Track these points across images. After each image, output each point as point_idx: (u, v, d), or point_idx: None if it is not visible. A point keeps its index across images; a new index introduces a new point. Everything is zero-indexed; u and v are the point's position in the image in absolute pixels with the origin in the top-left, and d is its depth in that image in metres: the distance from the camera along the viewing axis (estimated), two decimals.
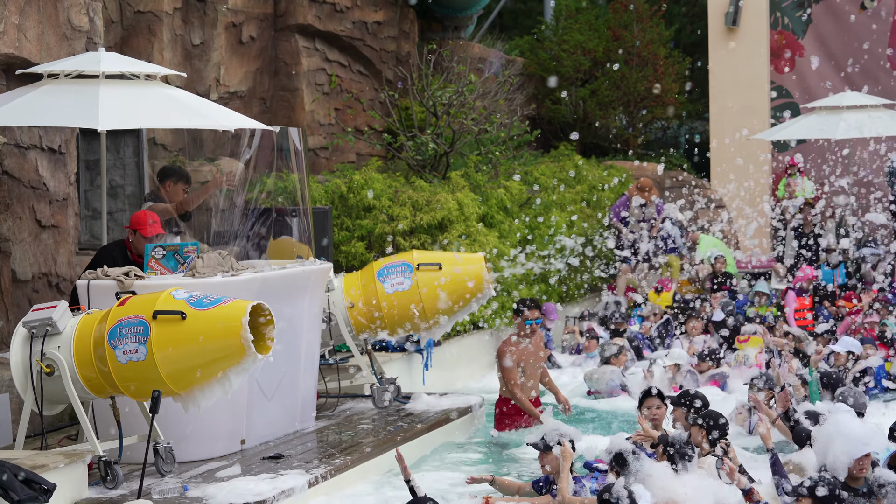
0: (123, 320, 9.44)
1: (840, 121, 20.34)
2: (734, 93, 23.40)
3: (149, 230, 11.07)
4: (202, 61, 16.73)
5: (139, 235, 11.11)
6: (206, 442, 10.67)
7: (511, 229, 17.71)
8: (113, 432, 10.08)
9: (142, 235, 11.08)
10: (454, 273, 12.87)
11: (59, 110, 10.83)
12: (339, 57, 19.78)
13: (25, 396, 9.75)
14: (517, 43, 26.31)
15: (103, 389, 9.71)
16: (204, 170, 15.14)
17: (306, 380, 11.91)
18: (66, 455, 9.50)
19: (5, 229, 12.15)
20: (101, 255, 11.24)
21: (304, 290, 11.63)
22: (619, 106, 25.11)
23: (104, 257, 11.13)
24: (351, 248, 15.99)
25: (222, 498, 9.40)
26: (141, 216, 11.24)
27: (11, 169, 12.30)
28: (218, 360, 9.38)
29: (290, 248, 12.44)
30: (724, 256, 19.96)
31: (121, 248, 11.31)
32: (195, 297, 9.52)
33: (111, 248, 11.36)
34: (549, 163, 21.28)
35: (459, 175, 17.98)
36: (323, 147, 19.25)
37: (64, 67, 11.15)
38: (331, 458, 10.80)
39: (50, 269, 12.78)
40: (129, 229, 11.29)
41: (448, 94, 18.80)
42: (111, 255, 11.11)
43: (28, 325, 9.71)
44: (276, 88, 18.75)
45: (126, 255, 11.17)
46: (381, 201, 16.32)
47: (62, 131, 12.80)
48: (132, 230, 11.20)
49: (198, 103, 11.52)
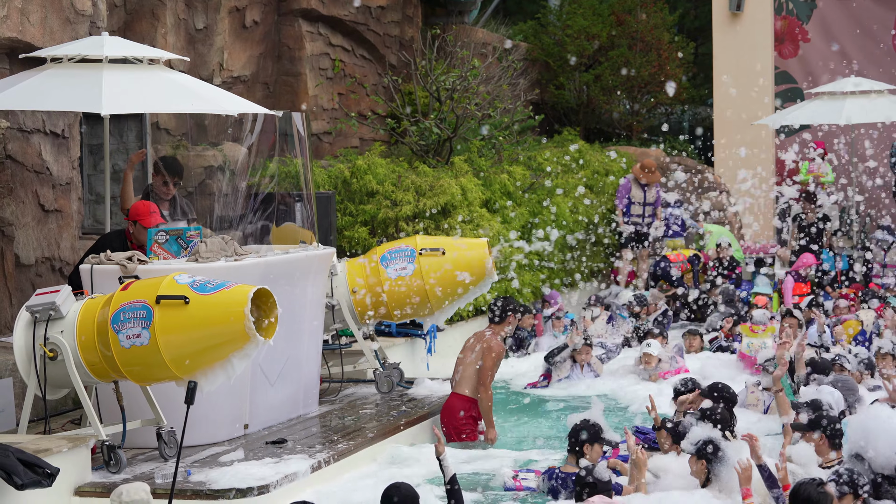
0: (127, 305, 9.44)
1: (844, 106, 20.30)
2: (738, 78, 23.36)
3: (150, 220, 11.05)
4: (205, 46, 16.70)
5: (139, 226, 11.09)
6: (210, 427, 10.68)
7: (515, 215, 17.70)
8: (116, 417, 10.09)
9: (142, 226, 11.05)
10: (457, 258, 12.84)
11: (63, 94, 10.82)
12: (343, 41, 19.75)
13: (29, 381, 9.75)
14: (521, 28, 26.27)
15: (106, 374, 9.71)
16: (207, 154, 15.13)
17: (309, 365, 11.92)
18: (70, 439, 9.51)
19: (9, 213, 12.14)
20: (101, 244, 11.23)
21: (308, 275, 11.63)
22: (622, 91, 25.07)
23: (104, 246, 11.13)
24: (354, 234, 15.98)
25: (225, 482, 9.41)
26: (140, 207, 11.21)
27: (15, 153, 12.29)
28: (221, 345, 9.37)
29: (293, 233, 12.43)
30: (730, 241, 19.99)
31: (121, 237, 11.29)
32: (198, 281, 9.51)
33: (111, 237, 11.33)
34: (553, 148, 21.26)
35: (463, 160, 17.96)
36: (326, 132, 19.23)
37: (67, 51, 11.14)
38: (334, 443, 10.81)
39: (53, 254, 12.78)
40: (128, 221, 11.27)
41: (451, 79, 18.78)
42: (111, 245, 11.10)
43: (31, 309, 9.71)
44: (280, 73, 18.73)
45: (126, 245, 11.14)
46: (384, 186, 16.31)
47: (65, 115, 12.79)
48: (132, 221, 11.18)
49: (201, 88, 11.51)
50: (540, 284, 17.75)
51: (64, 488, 9.23)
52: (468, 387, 12.02)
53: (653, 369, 14.47)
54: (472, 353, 12.07)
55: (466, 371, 12.04)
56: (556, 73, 25.00)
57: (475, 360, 12.03)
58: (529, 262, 17.60)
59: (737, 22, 23.93)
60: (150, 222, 11.03)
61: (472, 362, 12.04)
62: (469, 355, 12.09)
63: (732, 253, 20.03)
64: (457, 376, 12.10)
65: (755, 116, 22.33)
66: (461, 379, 12.05)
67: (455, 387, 12.10)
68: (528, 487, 10.26)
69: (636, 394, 13.76)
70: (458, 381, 12.08)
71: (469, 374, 12.03)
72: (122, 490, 7.96)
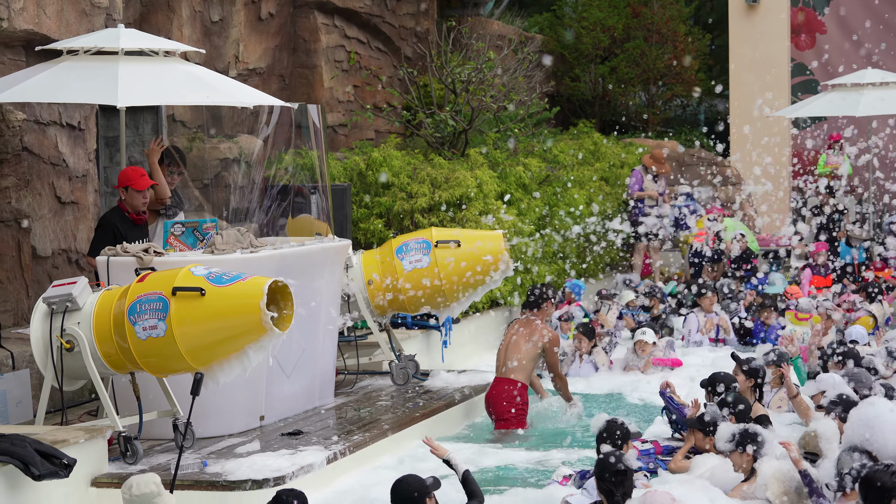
0: (143, 296, 9.46)
1: (861, 98, 20.23)
2: (754, 70, 23.30)
3: (141, 183, 11.14)
4: (221, 38, 16.72)
5: (132, 191, 11.16)
6: (226, 418, 10.70)
7: (529, 206, 17.69)
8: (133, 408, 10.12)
9: (135, 190, 11.13)
10: (473, 250, 12.85)
11: (79, 87, 10.83)
12: (358, 34, 19.75)
13: (46, 372, 9.78)
14: (536, 20, 26.23)
15: (123, 365, 9.73)
16: (223, 146, 15.15)
17: (325, 357, 11.93)
18: (87, 430, 9.54)
19: (25, 205, 12.17)
20: (102, 225, 11.32)
21: (323, 267, 11.63)
22: (638, 83, 25.02)
23: (105, 226, 11.21)
24: (370, 226, 15.99)
25: (241, 474, 9.43)
26: (129, 172, 11.29)
27: (31, 145, 12.32)
28: (237, 337, 9.39)
29: (308, 226, 12.44)
30: (746, 235, 19.96)
31: (117, 211, 11.36)
32: (214, 273, 9.53)
33: (109, 216, 11.43)
34: (568, 140, 21.24)
35: (478, 152, 17.95)
36: (342, 124, 19.24)
37: (83, 44, 11.15)
38: (349, 435, 10.82)
39: (70, 246, 12.81)
40: (119, 188, 11.31)
41: (467, 71, 18.77)
42: (111, 223, 11.20)
43: (48, 300, 9.73)
44: (295, 65, 18.74)
45: (124, 216, 11.24)
46: (399, 178, 16.31)
47: (81, 108, 12.81)
48: (123, 188, 11.23)
49: (217, 80, 11.51)
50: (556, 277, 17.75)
51: (81, 479, 9.26)
52: (522, 374, 12.20)
53: (647, 356, 14.55)
54: (524, 342, 12.24)
55: (521, 359, 12.20)
56: (572, 65, 24.96)
57: (531, 348, 12.21)
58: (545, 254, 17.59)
59: (753, 13, 23.86)
60: (141, 185, 11.12)
61: (528, 351, 12.23)
62: (522, 343, 12.26)
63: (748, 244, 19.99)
64: (508, 363, 12.23)
65: (771, 108, 22.27)
66: (516, 366, 12.18)
67: (505, 373, 12.23)
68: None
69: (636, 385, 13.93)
70: (509, 368, 12.21)
71: (523, 362, 12.20)
72: (131, 482, 7.92)
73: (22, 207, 12.13)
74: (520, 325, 12.49)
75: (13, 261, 12.12)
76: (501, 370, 12.30)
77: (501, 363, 12.34)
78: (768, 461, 8.90)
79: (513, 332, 12.45)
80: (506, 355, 12.31)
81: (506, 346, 12.39)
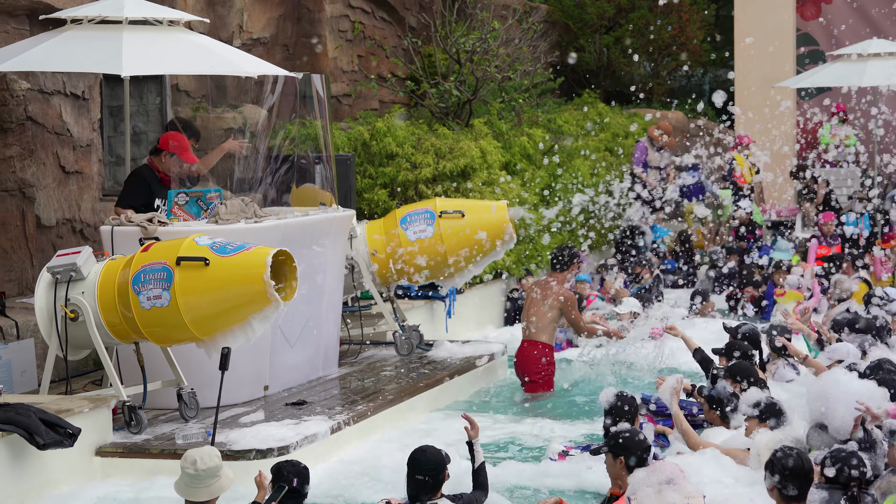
0: (147, 266, 9.47)
1: (866, 68, 20.14)
2: (759, 40, 23.19)
3: (189, 157, 11.23)
4: (225, 7, 16.65)
5: (176, 158, 11.19)
6: (230, 388, 10.68)
7: (533, 177, 17.67)
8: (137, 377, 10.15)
9: (181, 160, 11.18)
10: (477, 220, 12.86)
11: (83, 56, 10.81)
12: (363, 3, 19.66)
13: (50, 341, 9.80)
14: None
15: (127, 335, 9.75)
16: (227, 116, 15.12)
17: (329, 327, 11.94)
18: (91, 400, 9.57)
19: (29, 175, 12.17)
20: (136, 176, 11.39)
21: (327, 237, 11.63)
22: (643, 53, 24.93)
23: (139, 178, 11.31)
24: (374, 196, 15.98)
25: (246, 443, 9.46)
26: (183, 141, 11.31)
27: (35, 115, 12.30)
28: (241, 307, 9.41)
29: (313, 196, 12.43)
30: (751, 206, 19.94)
31: (148, 168, 11.40)
32: (218, 243, 9.53)
33: (141, 171, 11.45)
34: (573, 110, 21.18)
35: (482, 123, 17.91)
36: (346, 94, 19.19)
37: (87, 13, 11.12)
38: (353, 405, 10.84)
39: (74, 215, 12.81)
40: (164, 150, 11.29)
41: (471, 41, 18.71)
42: (143, 178, 11.29)
43: (52, 270, 9.74)
44: (299, 35, 18.67)
45: (154, 174, 11.34)
46: (403, 149, 16.28)
47: (85, 77, 12.79)
48: (168, 153, 11.23)
49: (221, 49, 11.49)
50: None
51: (85, 448, 9.30)
52: (545, 334, 12.57)
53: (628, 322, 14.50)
54: (544, 304, 12.54)
55: (541, 320, 12.56)
56: (577, 36, 24.88)
57: (546, 310, 12.53)
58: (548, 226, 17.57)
59: None
60: (190, 159, 11.29)
61: (544, 313, 12.54)
62: (542, 305, 12.56)
63: (752, 216, 19.96)
64: (532, 327, 12.55)
65: (776, 79, 22.17)
66: (539, 328, 12.52)
67: (531, 335, 12.57)
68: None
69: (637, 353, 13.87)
70: (533, 331, 12.54)
71: (545, 323, 12.56)
72: (194, 457, 7.37)
73: (26, 177, 12.13)
74: (537, 286, 12.81)
75: (17, 230, 12.13)
76: (525, 333, 12.66)
77: (525, 326, 12.69)
78: (764, 432, 8.89)
79: (530, 297, 12.76)
80: (527, 318, 12.66)
81: (526, 309, 12.73)
